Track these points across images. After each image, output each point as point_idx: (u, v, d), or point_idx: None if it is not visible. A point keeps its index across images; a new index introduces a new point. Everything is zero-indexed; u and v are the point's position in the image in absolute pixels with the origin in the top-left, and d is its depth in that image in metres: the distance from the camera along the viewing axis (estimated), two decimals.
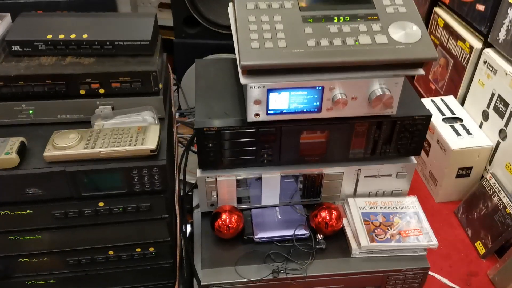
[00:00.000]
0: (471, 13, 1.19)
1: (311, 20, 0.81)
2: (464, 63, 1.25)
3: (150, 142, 0.79)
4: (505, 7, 1.06)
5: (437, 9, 1.38)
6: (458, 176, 1.16)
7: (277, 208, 0.98)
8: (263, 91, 0.82)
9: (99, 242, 0.89)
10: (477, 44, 1.19)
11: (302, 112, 0.85)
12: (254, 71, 0.80)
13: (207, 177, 0.92)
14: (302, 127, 0.88)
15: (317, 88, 0.82)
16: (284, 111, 0.85)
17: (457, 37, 1.27)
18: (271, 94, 0.82)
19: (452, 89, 1.31)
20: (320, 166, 0.94)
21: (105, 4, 1.26)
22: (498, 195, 1.05)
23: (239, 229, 0.92)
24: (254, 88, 0.81)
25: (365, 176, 0.97)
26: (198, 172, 0.93)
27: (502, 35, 1.08)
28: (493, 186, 1.07)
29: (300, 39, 0.79)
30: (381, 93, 0.82)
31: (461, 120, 1.18)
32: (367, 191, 1.00)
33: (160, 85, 0.88)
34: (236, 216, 0.92)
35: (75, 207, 0.82)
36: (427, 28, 1.39)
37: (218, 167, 0.92)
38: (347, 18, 0.82)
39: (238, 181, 0.94)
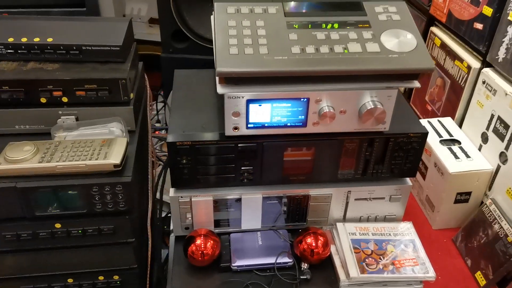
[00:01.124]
0: (469, 32, 1.13)
1: (296, 26, 0.74)
2: (462, 84, 1.18)
3: (114, 156, 0.71)
4: (504, 25, 1.00)
5: (434, 29, 1.34)
6: (456, 201, 1.08)
7: (258, 233, 0.89)
8: (242, 102, 0.74)
9: (57, 268, 0.79)
10: (475, 63, 1.13)
11: (285, 126, 0.77)
12: (232, 80, 0.72)
13: (181, 197, 0.84)
14: (285, 143, 0.80)
15: (302, 99, 0.75)
16: (266, 124, 0.77)
17: (454, 56, 1.20)
18: (251, 106, 0.74)
19: (449, 111, 1.24)
20: (306, 187, 0.86)
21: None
22: (499, 222, 0.97)
23: (215, 255, 0.83)
24: (232, 99, 0.73)
25: (355, 199, 0.89)
26: (171, 192, 0.84)
27: (501, 54, 1.01)
28: (494, 213, 0.99)
29: (284, 45, 0.71)
30: (372, 106, 0.75)
31: (459, 142, 1.11)
32: (358, 215, 0.91)
33: (132, 95, 0.80)
34: (212, 241, 0.83)
35: (28, 229, 0.73)
36: None
37: (193, 186, 0.83)
38: (335, 25, 0.75)
39: (215, 202, 0.85)
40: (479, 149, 1.08)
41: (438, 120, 1.20)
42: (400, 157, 0.84)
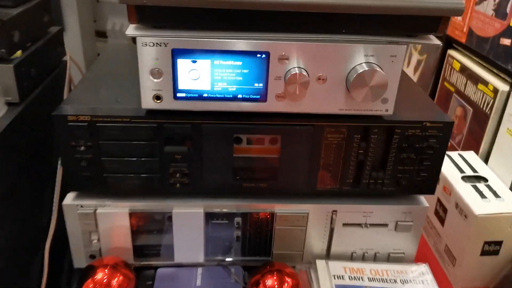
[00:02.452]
0: (494, 50, 1.01)
1: None
2: (487, 111, 1.02)
3: None
4: None
5: (452, 51, 1.21)
6: (483, 253, 0.86)
7: (199, 269, 0.61)
8: (165, 53, 0.48)
9: None
10: (503, 86, 0.98)
11: (234, 99, 0.51)
12: (149, 15, 0.47)
13: (81, 206, 0.56)
14: (234, 126, 0.53)
15: (259, 55, 0.48)
16: (205, 94, 0.50)
17: (477, 80, 1.06)
18: (181, 62, 0.48)
19: (472, 144, 1.08)
20: (269, 200, 0.58)
21: None
22: None
23: None
24: (150, 47, 0.47)
25: (344, 224, 0.60)
26: (66, 198, 0.57)
27: None
28: None
29: None
30: (366, 69, 0.48)
31: (485, 179, 0.92)
32: (348, 250, 0.62)
33: (19, 53, 0.55)
34: (122, 277, 0.54)
35: None
36: (440, 74, 1.22)
37: (99, 190, 0.56)
38: None
39: (134, 217, 0.57)
40: (511, 188, 0.89)
41: (459, 154, 1.04)
42: (411, 160, 0.56)
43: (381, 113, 0.53)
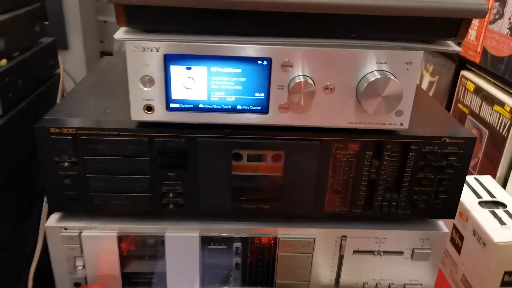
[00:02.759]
0: (510, 69, 0.99)
1: None
2: (503, 133, 1.00)
3: None
4: None
5: (465, 72, 1.19)
6: (504, 283, 0.80)
7: None
8: (156, 59, 0.44)
9: None
10: None
11: (233, 110, 0.46)
12: (139, 17, 0.43)
13: (65, 228, 0.51)
14: (233, 142, 0.48)
15: (259, 62, 0.44)
16: (201, 105, 0.46)
17: (492, 100, 1.04)
18: (174, 69, 0.44)
19: (488, 169, 1.05)
20: (271, 224, 0.53)
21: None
22: None
23: None
24: (140, 52, 0.43)
25: (355, 251, 0.54)
26: (50, 219, 0.52)
27: None
28: None
29: None
30: (378, 77, 0.43)
31: (504, 205, 0.88)
32: (359, 280, 0.56)
33: (4, 61, 0.51)
34: None
35: None
36: (453, 95, 1.20)
37: (85, 211, 0.51)
38: None
39: (123, 241, 0.52)
40: None
41: (476, 178, 1.00)
42: (429, 180, 0.50)
43: (395, 127, 0.47)
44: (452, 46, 0.45)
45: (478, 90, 1.08)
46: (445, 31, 0.44)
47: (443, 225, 0.56)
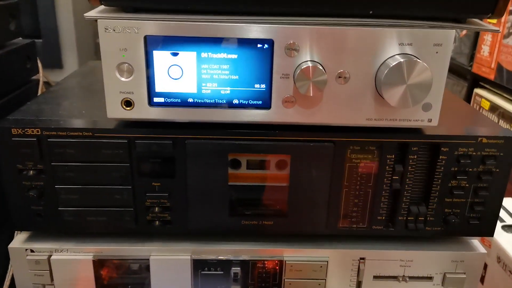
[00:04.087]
0: None
1: None
2: None
3: None
4: None
5: (479, 90, 1.19)
6: None
7: None
8: (136, 41, 0.36)
9: None
10: None
11: (228, 105, 0.39)
12: None
13: (31, 251, 0.43)
14: (229, 144, 0.40)
15: (259, 45, 0.37)
16: (190, 99, 0.38)
17: (510, 118, 1.04)
18: (157, 54, 0.37)
19: (508, 190, 1.03)
20: (276, 245, 0.45)
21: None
22: None
23: None
24: (116, 33, 0.36)
25: (375, 277, 0.46)
26: (15, 240, 0.44)
27: None
28: None
29: None
30: (401, 60, 0.36)
31: None
32: None
33: None
34: None
35: None
36: None
37: (54, 229, 0.43)
38: None
39: (100, 265, 0.44)
40: None
41: None
42: (463, 189, 0.42)
43: (422, 124, 0.40)
44: (487, 26, 0.38)
45: (494, 108, 1.06)
46: (480, 6, 0.37)
47: (480, 244, 0.47)
